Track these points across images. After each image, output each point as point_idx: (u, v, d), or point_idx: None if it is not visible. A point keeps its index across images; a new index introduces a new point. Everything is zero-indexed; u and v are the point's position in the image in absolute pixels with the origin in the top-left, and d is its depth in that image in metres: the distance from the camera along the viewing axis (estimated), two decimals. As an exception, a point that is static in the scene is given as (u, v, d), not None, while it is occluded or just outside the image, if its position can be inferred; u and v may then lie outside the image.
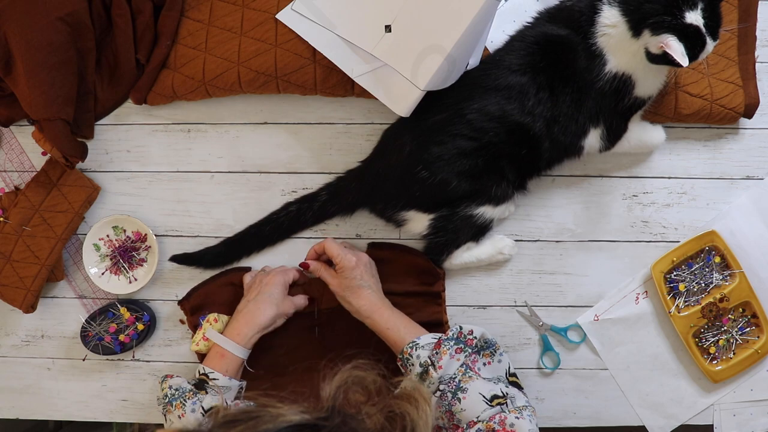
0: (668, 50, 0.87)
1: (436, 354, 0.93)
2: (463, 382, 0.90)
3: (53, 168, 1.10)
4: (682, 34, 0.88)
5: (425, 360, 0.93)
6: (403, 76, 0.98)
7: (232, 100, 1.11)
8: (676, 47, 0.87)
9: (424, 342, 0.95)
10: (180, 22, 1.09)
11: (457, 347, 0.93)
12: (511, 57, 0.99)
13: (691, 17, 0.88)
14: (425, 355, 0.94)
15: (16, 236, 1.09)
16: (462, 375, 0.91)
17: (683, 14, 0.88)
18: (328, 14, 1.03)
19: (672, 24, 0.88)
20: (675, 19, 0.88)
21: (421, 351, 0.95)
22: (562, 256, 1.11)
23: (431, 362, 0.92)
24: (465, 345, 0.94)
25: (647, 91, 0.98)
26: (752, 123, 1.08)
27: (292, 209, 1.09)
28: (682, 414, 1.10)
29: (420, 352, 0.95)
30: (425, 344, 0.95)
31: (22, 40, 0.99)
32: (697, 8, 0.88)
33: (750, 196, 1.09)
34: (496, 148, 0.99)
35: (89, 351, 1.12)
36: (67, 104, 1.02)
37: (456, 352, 0.93)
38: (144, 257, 1.13)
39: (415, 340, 0.96)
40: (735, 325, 1.07)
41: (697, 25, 0.88)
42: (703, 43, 0.90)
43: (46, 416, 1.18)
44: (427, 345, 0.95)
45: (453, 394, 0.89)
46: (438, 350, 0.93)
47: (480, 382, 0.90)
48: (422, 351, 0.94)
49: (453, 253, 1.06)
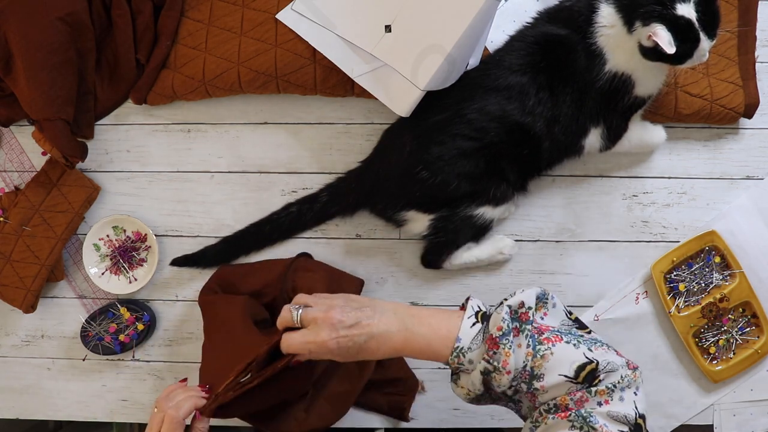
0: (656, 39, 0.87)
1: (495, 355, 0.74)
2: (536, 368, 0.74)
3: (53, 168, 1.10)
4: (673, 26, 0.87)
5: (483, 367, 0.75)
6: (403, 76, 0.98)
7: (232, 100, 1.11)
8: (663, 35, 0.86)
9: (468, 338, 0.77)
10: (180, 22, 1.09)
11: (514, 327, 0.75)
12: (511, 57, 0.99)
13: (682, 9, 0.87)
14: (479, 357, 0.76)
15: (16, 236, 1.09)
16: (533, 359, 0.74)
17: (674, 4, 0.88)
18: (328, 14, 1.03)
19: (662, 14, 0.88)
20: (665, 9, 0.87)
21: (471, 354, 0.77)
22: (562, 256, 1.11)
23: (493, 367, 0.74)
24: (521, 323, 0.76)
25: (647, 90, 0.99)
26: (752, 123, 1.08)
27: (293, 210, 1.09)
28: (682, 414, 1.10)
29: (470, 355, 0.77)
30: (471, 341, 0.77)
31: (22, 40, 0.99)
32: (690, 1, 0.88)
33: (750, 196, 1.09)
34: (496, 149, 0.99)
35: (89, 351, 1.12)
36: (67, 104, 1.02)
37: (514, 335, 0.75)
38: (144, 257, 1.13)
39: (456, 345, 0.77)
40: (735, 325, 1.07)
41: (689, 18, 0.88)
42: (696, 38, 0.89)
43: (46, 416, 1.18)
44: (474, 341, 0.77)
45: (528, 384, 0.74)
46: (496, 351, 0.74)
47: (558, 356, 0.73)
48: (472, 353, 0.77)
49: (453, 254, 1.06)
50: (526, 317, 0.77)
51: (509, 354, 0.74)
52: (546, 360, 0.74)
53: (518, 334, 0.76)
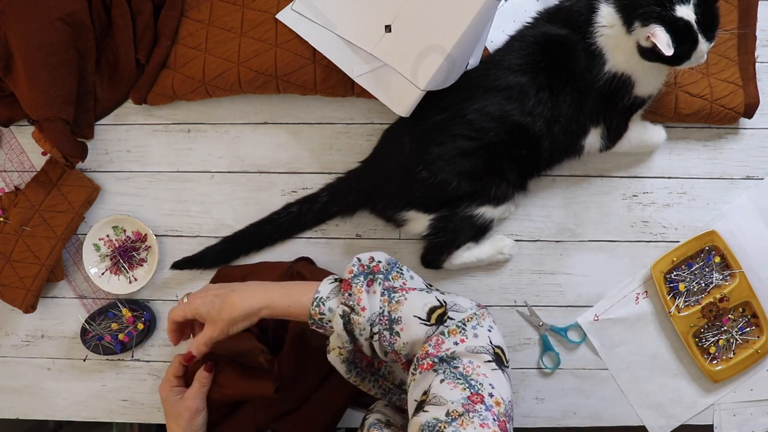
0: (654, 40, 0.87)
1: (350, 296, 0.81)
2: (393, 312, 0.79)
3: (53, 168, 1.10)
4: (672, 27, 0.88)
5: (342, 309, 0.81)
6: (403, 76, 0.98)
7: (232, 100, 1.11)
8: (662, 36, 0.87)
9: (327, 291, 0.84)
10: (180, 22, 1.09)
11: (368, 280, 0.82)
12: (511, 57, 0.99)
13: (682, 11, 0.88)
14: (336, 303, 0.82)
15: (16, 236, 1.09)
16: (388, 304, 0.80)
17: (674, 6, 0.88)
18: (328, 14, 1.03)
19: (661, 15, 0.88)
20: (665, 10, 0.88)
21: (330, 302, 0.83)
22: (562, 256, 1.11)
23: (350, 308, 0.80)
24: (374, 273, 0.83)
25: (647, 90, 0.99)
26: (752, 123, 1.08)
27: (293, 210, 1.09)
28: (682, 414, 1.10)
29: (329, 303, 0.83)
30: (329, 292, 0.83)
31: (22, 40, 0.99)
32: (690, 3, 0.88)
33: (750, 196, 1.09)
34: (496, 148, 0.99)
35: (89, 351, 1.12)
36: (67, 104, 1.02)
37: (368, 285, 0.82)
38: (144, 257, 1.13)
39: (316, 296, 0.83)
40: (735, 325, 1.07)
41: (688, 20, 0.88)
42: (694, 40, 0.89)
43: (46, 416, 1.18)
44: (332, 292, 0.84)
45: (390, 330, 0.79)
46: (350, 291, 0.81)
47: (411, 301, 0.80)
48: (330, 302, 0.83)
49: (453, 253, 1.06)
50: (377, 269, 0.84)
51: (361, 291, 0.81)
52: (401, 305, 0.80)
53: (372, 283, 0.83)
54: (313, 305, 0.83)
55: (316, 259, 1.11)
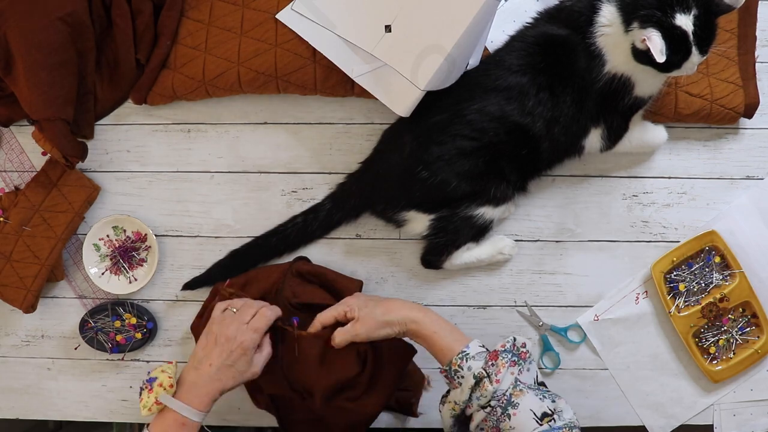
0: (648, 44, 0.87)
1: (493, 366, 0.87)
2: (514, 397, 0.85)
3: (53, 168, 1.10)
4: (668, 34, 0.87)
5: (479, 371, 0.87)
6: (403, 76, 0.98)
7: (232, 100, 1.11)
8: (657, 42, 0.86)
9: (475, 351, 0.89)
10: (180, 22, 1.09)
11: (512, 360, 0.88)
12: (511, 57, 0.99)
13: (681, 20, 0.88)
14: (478, 366, 0.87)
15: (16, 236, 1.09)
16: (513, 388, 0.86)
17: (674, 14, 0.88)
18: (328, 14, 1.03)
19: (660, 20, 0.88)
20: (665, 17, 0.88)
21: (473, 362, 0.88)
22: (562, 256, 1.11)
23: (487, 374, 0.87)
24: (519, 358, 0.89)
25: (647, 91, 0.98)
26: (752, 123, 1.08)
27: (299, 221, 1.09)
28: (682, 414, 1.10)
29: (471, 363, 0.88)
30: (476, 354, 0.89)
31: (22, 40, 0.99)
32: (690, 14, 0.88)
33: (750, 196, 1.09)
34: (496, 149, 0.99)
35: (84, 342, 1.12)
36: (67, 104, 1.02)
37: (511, 365, 0.87)
38: (144, 257, 1.13)
39: (464, 350, 0.89)
40: (735, 325, 1.07)
41: (686, 30, 0.88)
42: (687, 51, 0.89)
43: (46, 416, 1.18)
44: (479, 355, 0.89)
45: (503, 409, 0.85)
46: (495, 362, 0.87)
47: (530, 398, 0.86)
48: (474, 362, 0.88)
49: (453, 254, 1.06)
50: (523, 356, 0.90)
51: (504, 366, 0.87)
52: (523, 395, 0.86)
53: (514, 365, 0.88)
54: (458, 355, 0.89)
55: (316, 259, 1.11)
